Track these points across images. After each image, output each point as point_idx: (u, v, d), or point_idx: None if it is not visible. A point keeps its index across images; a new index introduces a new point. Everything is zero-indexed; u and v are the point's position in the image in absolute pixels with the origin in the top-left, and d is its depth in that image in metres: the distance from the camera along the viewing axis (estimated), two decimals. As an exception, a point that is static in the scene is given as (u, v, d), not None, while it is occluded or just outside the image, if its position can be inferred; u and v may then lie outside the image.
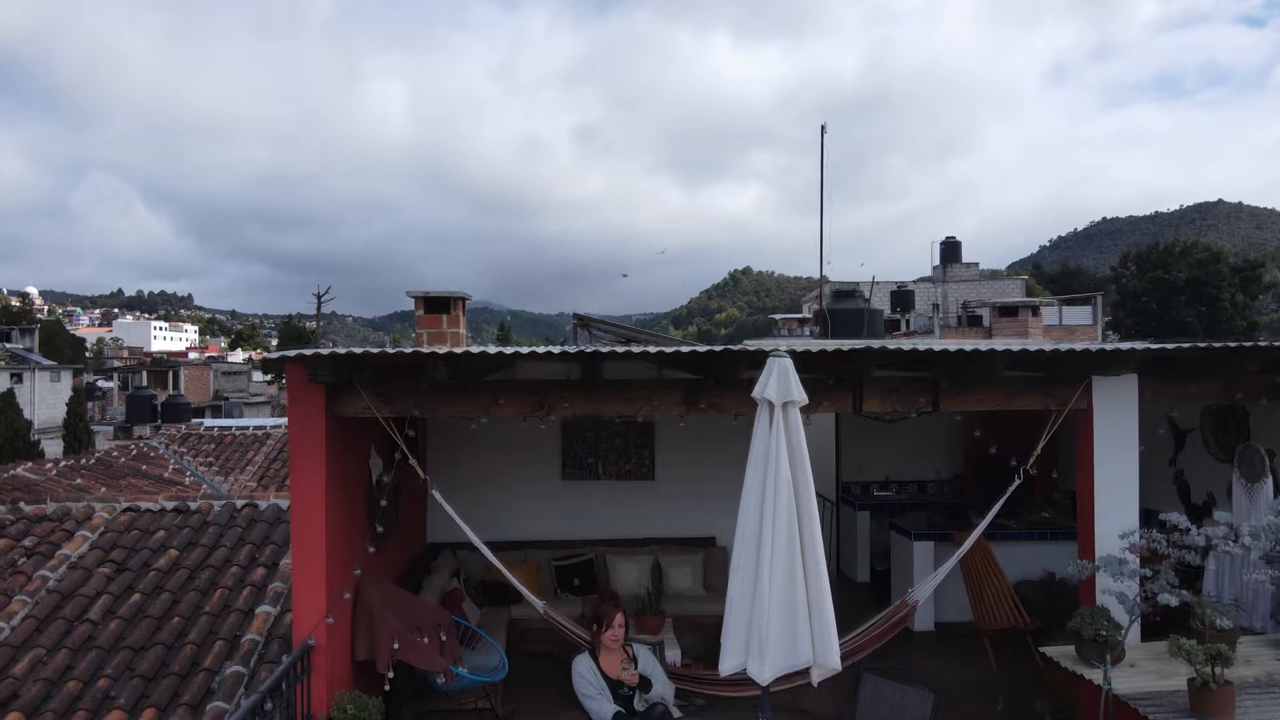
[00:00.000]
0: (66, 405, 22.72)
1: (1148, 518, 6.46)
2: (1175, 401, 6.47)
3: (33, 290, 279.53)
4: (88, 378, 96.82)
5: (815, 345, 5.24)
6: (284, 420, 41.77)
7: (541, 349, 5.23)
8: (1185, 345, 5.15)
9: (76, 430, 22.46)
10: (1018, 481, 6.08)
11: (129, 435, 34.32)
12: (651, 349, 5.08)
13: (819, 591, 4.28)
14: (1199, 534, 5.01)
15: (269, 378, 60.62)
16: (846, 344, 5.21)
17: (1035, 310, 12.74)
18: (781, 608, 4.20)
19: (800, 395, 4.38)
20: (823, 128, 14.26)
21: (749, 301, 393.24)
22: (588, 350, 4.99)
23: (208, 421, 44.16)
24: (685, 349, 5.14)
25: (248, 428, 21.14)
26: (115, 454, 17.78)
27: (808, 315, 45.99)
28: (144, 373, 50.51)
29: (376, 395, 5.57)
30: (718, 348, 5.11)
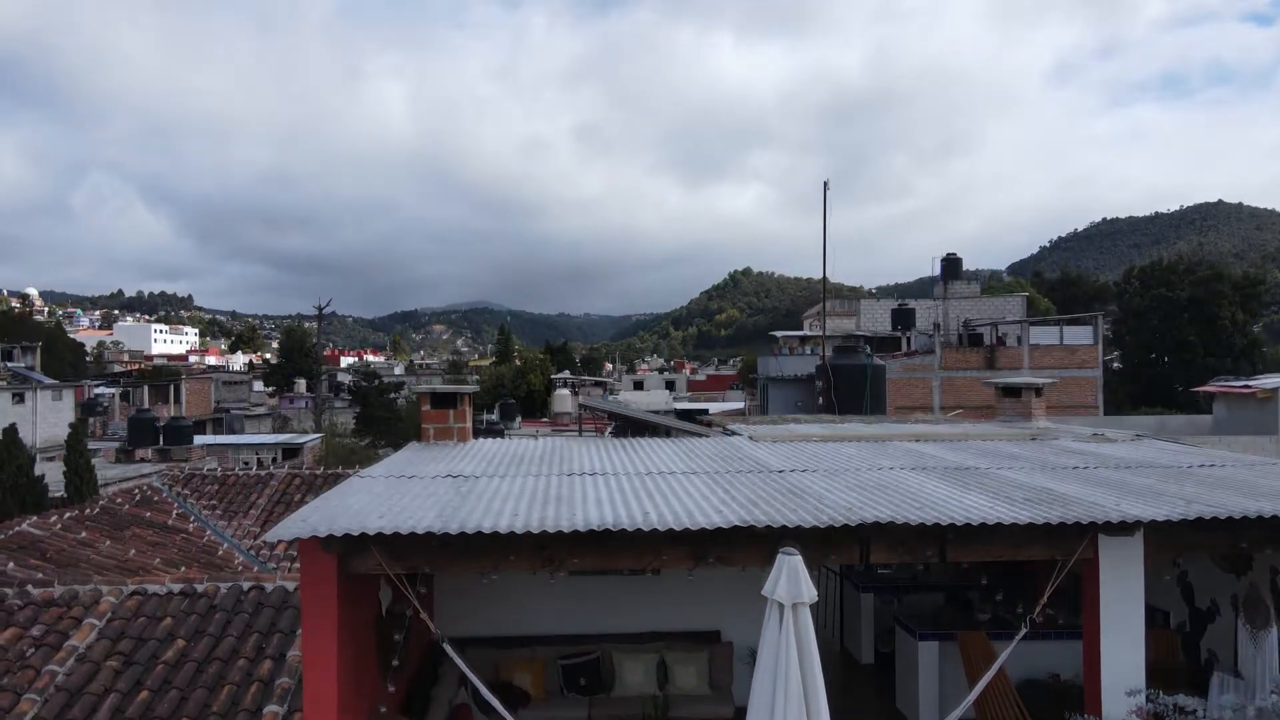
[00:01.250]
0: (66, 442, 22.63)
1: (1152, 615, 6.51)
2: (1182, 551, 6.52)
3: (33, 291, 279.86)
4: (88, 384, 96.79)
5: (824, 520, 5.25)
6: (284, 437, 41.38)
7: (551, 529, 5.20)
8: (1190, 518, 5.21)
9: (78, 465, 22.41)
10: (1027, 625, 6.13)
11: (130, 457, 34.42)
12: (660, 527, 5.11)
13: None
14: (1206, 715, 5.06)
15: (270, 390, 60.77)
16: (855, 518, 5.24)
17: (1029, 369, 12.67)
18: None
19: (810, 594, 4.43)
20: (825, 184, 14.26)
21: (749, 302, 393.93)
22: (598, 530, 5.03)
23: (209, 440, 44.14)
24: (693, 528, 5.16)
25: (250, 468, 21.21)
26: (119, 499, 17.82)
27: (809, 333, 46.05)
28: (145, 387, 50.47)
29: (388, 554, 5.62)
30: (725, 525, 5.15)
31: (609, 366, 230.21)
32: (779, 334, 44.63)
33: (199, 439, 44.12)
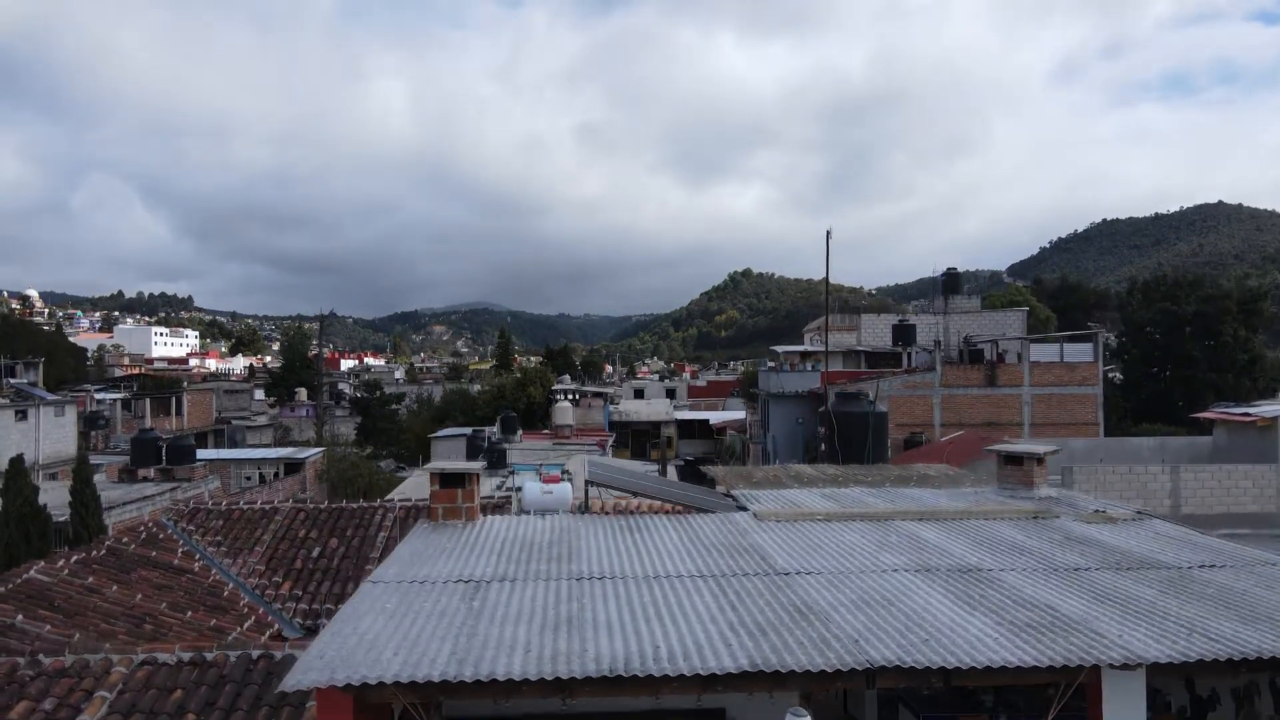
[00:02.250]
0: (72, 471, 22.71)
1: (1153, 698, 6.61)
2: (1183, 675, 6.62)
3: (33, 293, 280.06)
4: (90, 391, 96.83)
5: (832, 662, 5.33)
6: (286, 451, 41.33)
7: (565, 675, 5.27)
8: (1191, 659, 5.30)
9: (83, 494, 22.54)
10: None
11: (134, 477, 34.46)
12: (671, 672, 5.20)
13: None
14: None
15: (271, 400, 60.89)
16: (862, 659, 5.33)
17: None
18: None
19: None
20: (828, 233, 14.34)
21: (749, 304, 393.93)
22: (609, 675, 5.14)
23: (211, 455, 44.16)
24: (703, 672, 5.25)
25: (255, 505, 21.28)
26: (124, 539, 17.93)
27: (810, 348, 46.15)
28: (147, 400, 50.58)
29: (404, 690, 5.71)
30: (735, 670, 5.24)
31: (609, 369, 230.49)
32: (780, 349, 44.73)
33: (201, 454, 44.22)
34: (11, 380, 41.58)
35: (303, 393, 65.46)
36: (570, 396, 57.13)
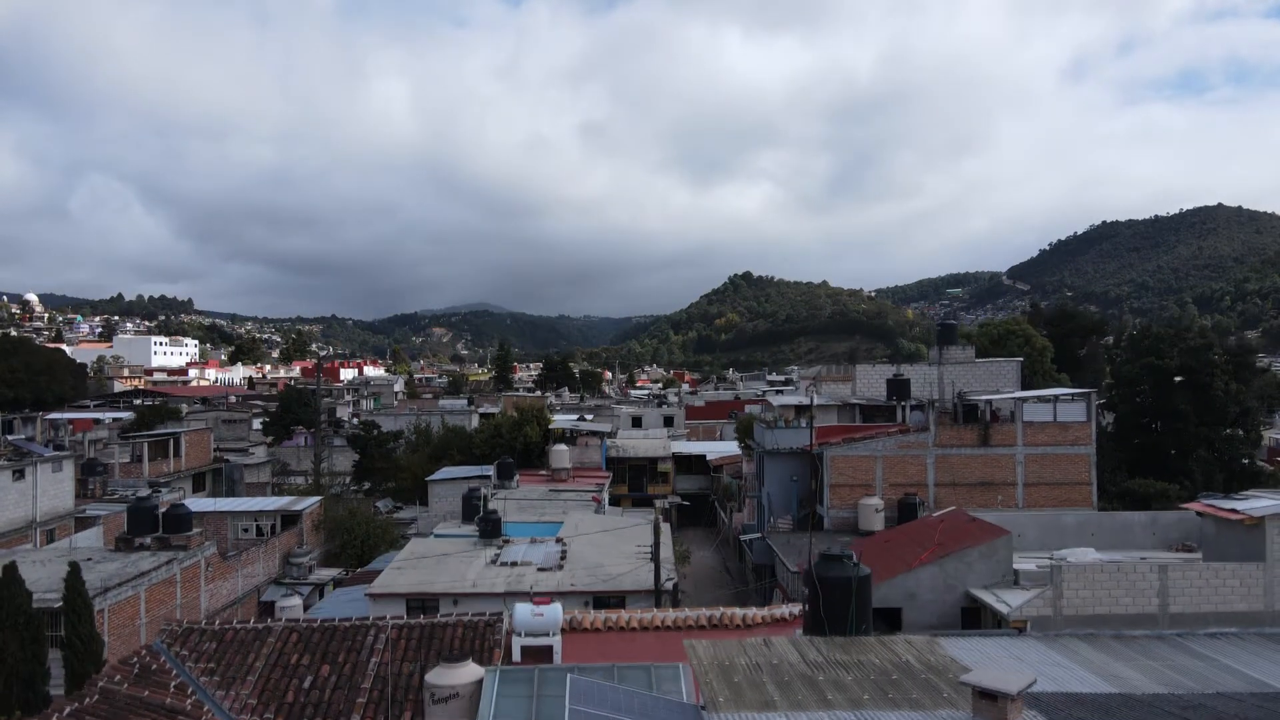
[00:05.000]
0: (65, 581, 22.98)
1: None
2: None
3: (33, 298, 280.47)
4: (88, 405, 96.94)
5: None
6: (283, 502, 41.45)
7: None
8: None
9: (75, 603, 22.78)
10: None
11: (130, 546, 34.67)
12: None
13: None
14: None
15: (269, 439, 61.17)
16: None
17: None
18: None
19: None
20: (833, 368, 14.46)
21: (749, 307, 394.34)
22: None
23: (208, 507, 44.25)
24: None
25: (248, 624, 21.42)
26: (117, 677, 18.10)
27: (805, 400, 46.33)
28: (145, 444, 50.84)
29: None
30: None
31: (609, 375, 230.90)
32: (776, 402, 44.92)
33: (198, 504, 44.35)
34: (9, 436, 41.77)
35: (299, 425, 65.74)
36: (567, 434, 57.37)
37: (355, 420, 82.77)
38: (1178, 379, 44.67)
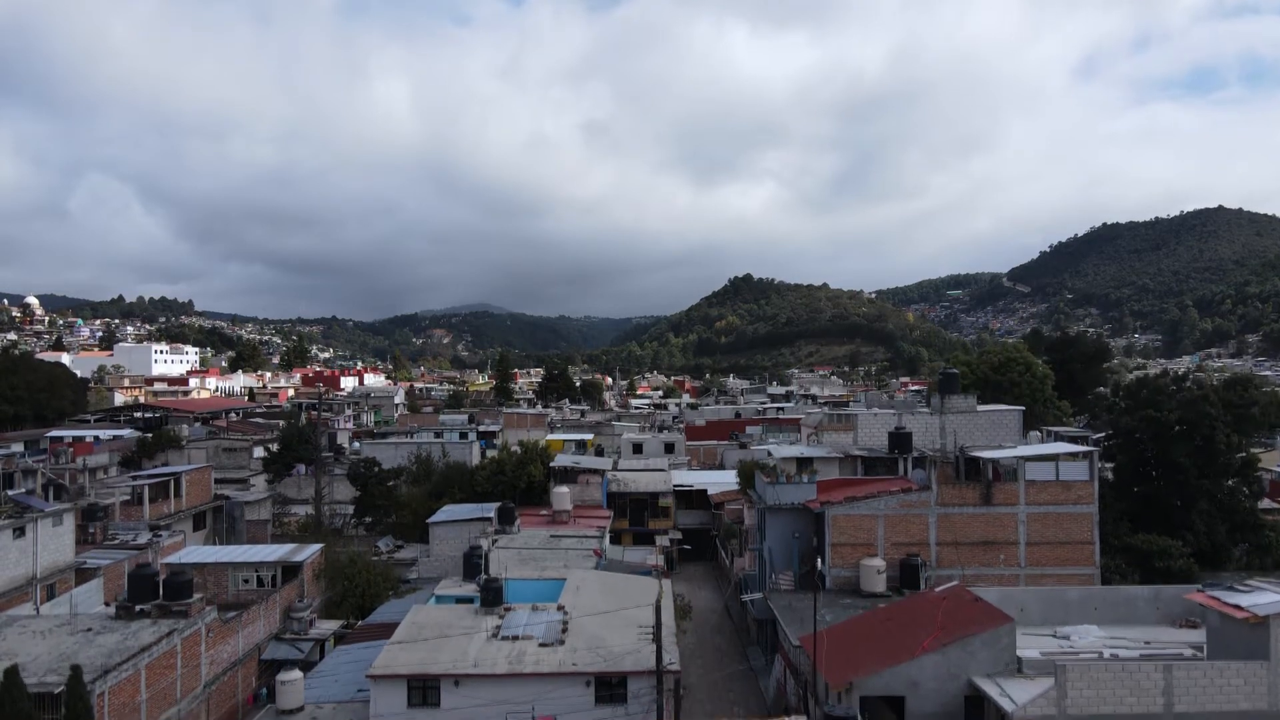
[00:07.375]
0: (67, 684, 22.93)
1: None
2: None
3: (33, 300, 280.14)
4: (88, 420, 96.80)
5: None
6: (283, 552, 41.44)
7: None
8: None
9: (77, 709, 22.79)
10: None
11: (131, 614, 34.56)
12: None
13: None
14: None
15: (269, 477, 61.10)
16: None
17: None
18: None
19: None
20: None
21: (749, 310, 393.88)
22: None
23: (207, 557, 44.02)
24: None
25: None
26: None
27: (806, 453, 46.21)
28: (145, 487, 50.80)
29: None
30: None
31: (609, 381, 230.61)
32: (778, 454, 44.84)
33: (198, 554, 44.27)
34: (9, 491, 41.69)
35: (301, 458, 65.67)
36: (567, 475, 57.35)
37: (356, 445, 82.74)
38: (1177, 428, 44.56)
